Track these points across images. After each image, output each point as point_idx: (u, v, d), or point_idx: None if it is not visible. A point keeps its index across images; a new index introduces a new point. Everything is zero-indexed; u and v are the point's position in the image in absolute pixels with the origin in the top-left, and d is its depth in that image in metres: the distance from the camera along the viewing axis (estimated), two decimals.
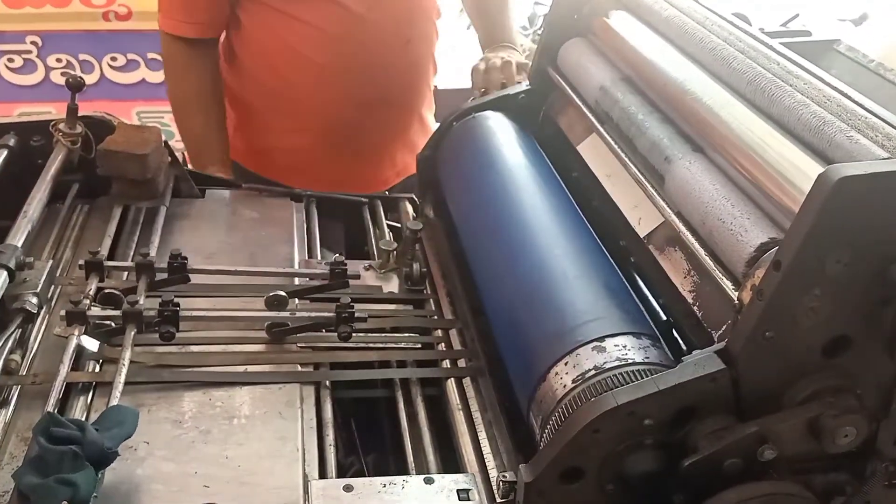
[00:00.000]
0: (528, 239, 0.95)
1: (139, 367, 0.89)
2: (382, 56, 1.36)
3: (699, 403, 0.69)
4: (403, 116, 1.46)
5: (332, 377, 0.93)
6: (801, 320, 0.66)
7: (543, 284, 0.87)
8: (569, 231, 0.93)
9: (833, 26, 2.79)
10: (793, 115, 0.77)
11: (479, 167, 1.12)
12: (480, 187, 1.09)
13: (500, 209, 1.03)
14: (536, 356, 0.80)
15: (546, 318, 0.83)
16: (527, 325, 0.86)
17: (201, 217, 1.20)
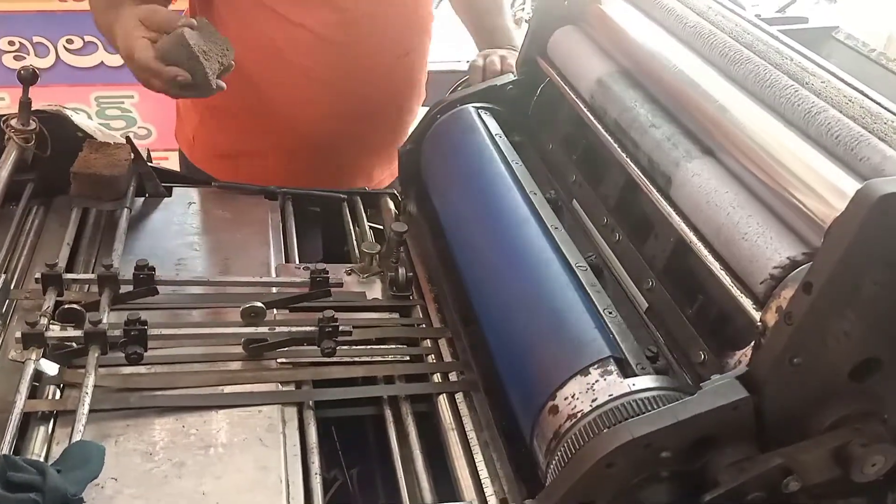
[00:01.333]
0: (526, 241, 0.89)
1: (104, 392, 0.82)
2: (376, 68, 1.27)
3: (719, 432, 0.64)
4: (389, 134, 1.36)
5: (316, 396, 0.87)
6: (830, 344, 0.61)
7: (546, 293, 0.81)
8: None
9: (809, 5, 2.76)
10: (810, 118, 0.72)
11: (466, 162, 1.06)
12: (469, 184, 1.03)
13: (492, 207, 0.97)
14: (540, 376, 0.75)
15: (550, 332, 0.77)
16: (527, 340, 0.80)
17: (168, 219, 1.12)
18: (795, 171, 0.69)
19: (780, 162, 0.70)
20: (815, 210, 0.65)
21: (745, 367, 0.64)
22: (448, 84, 1.42)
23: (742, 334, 0.72)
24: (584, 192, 0.98)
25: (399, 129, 1.38)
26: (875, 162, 0.65)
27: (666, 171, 0.80)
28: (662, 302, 0.81)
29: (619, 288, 0.87)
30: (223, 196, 1.19)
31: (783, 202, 0.69)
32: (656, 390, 0.67)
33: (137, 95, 2.17)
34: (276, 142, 1.31)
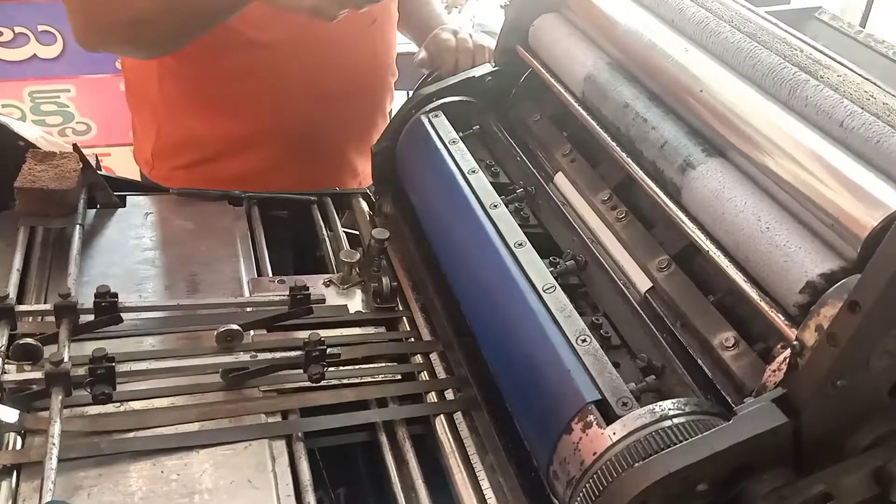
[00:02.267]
0: (488, 271, 0.83)
1: (71, 438, 0.74)
2: (346, 37, 1.18)
3: (757, 459, 0.60)
4: (367, 113, 1.29)
5: (305, 427, 0.81)
6: (873, 363, 0.57)
7: (515, 333, 0.76)
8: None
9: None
10: (831, 115, 0.67)
11: (448, 160, 0.99)
12: (447, 187, 0.97)
13: (455, 229, 0.91)
14: (554, 400, 0.70)
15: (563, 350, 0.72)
16: (534, 356, 0.75)
17: (125, 232, 1.02)
18: (821, 174, 0.65)
19: (803, 164, 0.66)
20: (847, 219, 0.61)
21: (782, 389, 0.60)
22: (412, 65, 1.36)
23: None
24: (579, 166, 0.93)
25: (376, 108, 1.30)
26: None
27: (675, 174, 0.75)
28: (677, 283, 0.76)
29: (607, 279, 0.82)
30: (183, 204, 1.10)
31: (810, 208, 0.64)
32: (688, 415, 0.62)
33: (74, 89, 2.02)
34: (252, 138, 1.21)
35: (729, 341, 0.70)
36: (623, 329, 0.78)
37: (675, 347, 0.74)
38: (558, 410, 0.67)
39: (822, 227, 0.63)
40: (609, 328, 0.77)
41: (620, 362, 0.74)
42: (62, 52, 1.98)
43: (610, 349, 0.74)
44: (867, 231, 0.58)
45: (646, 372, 0.73)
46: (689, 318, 0.74)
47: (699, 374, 0.72)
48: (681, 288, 0.76)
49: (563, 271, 0.83)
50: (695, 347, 0.73)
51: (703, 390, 0.70)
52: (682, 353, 0.74)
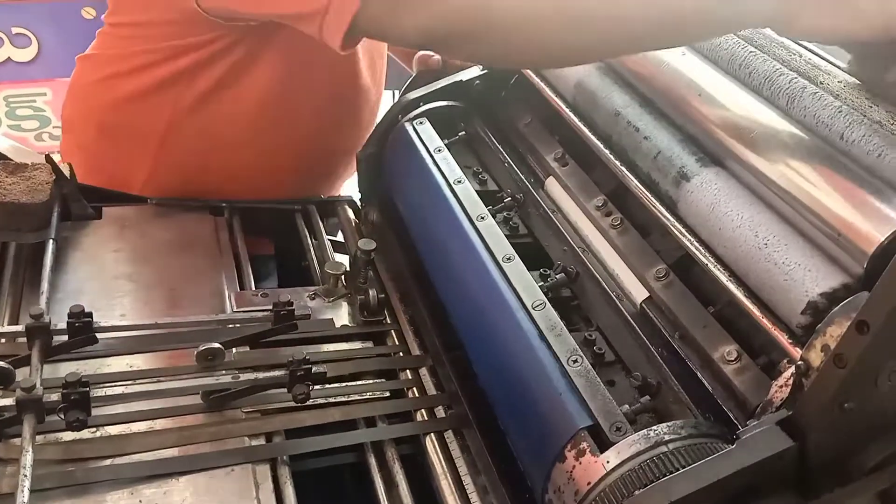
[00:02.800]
0: (477, 287, 0.80)
1: (44, 465, 0.70)
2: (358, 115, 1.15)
3: (761, 483, 0.57)
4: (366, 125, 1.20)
5: (290, 450, 0.77)
6: (881, 384, 0.55)
7: (505, 352, 0.74)
8: None
9: None
10: (830, 124, 0.65)
11: (433, 170, 0.96)
12: (439, 194, 0.94)
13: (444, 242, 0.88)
14: (547, 424, 0.67)
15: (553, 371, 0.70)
16: (524, 377, 0.72)
17: (101, 246, 0.99)
18: (824, 186, 0.62)
19: (806, 176, 0.63)
20: (853, 234, 0.59)
21: (787, 411, 0.58)
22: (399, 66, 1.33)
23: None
24: (571, 171, 0.90)
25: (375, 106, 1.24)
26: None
27: (670, 186, 0.73)
28: (675, 294, 0.73)
29: (599, 291, 0.80)
30: (161, 214, 1.06)
31: (812, 221, 0.62)
32: (688, 439, 0.60)
33: (50, 92, 1.98)
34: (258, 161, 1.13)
35: (731, 355, 0.67)
36: (617, 344, 0.76)
37: (672, 362, 0.72)
38: (551, 436, 0.64)
39: (825, 240, 0.61)
40: (603, 343, 0.75)
41: (615, 379, 0.72)
42: (37, 54, 1.93)
43: (604, 366, 0.71)
44: (874, 246, 0.55)
45: (641, 391, 0.71)
46: (689, 330, 0.71)
47: (699, 390, 0.69)
48: (679, 299, 0.73)
49: (553, 284, 0.81)
50: (694, 361, 0.70)
51: (703, 407, 0.68)
52: (680, 368, 0.71)
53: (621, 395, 0.67)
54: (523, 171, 0.95)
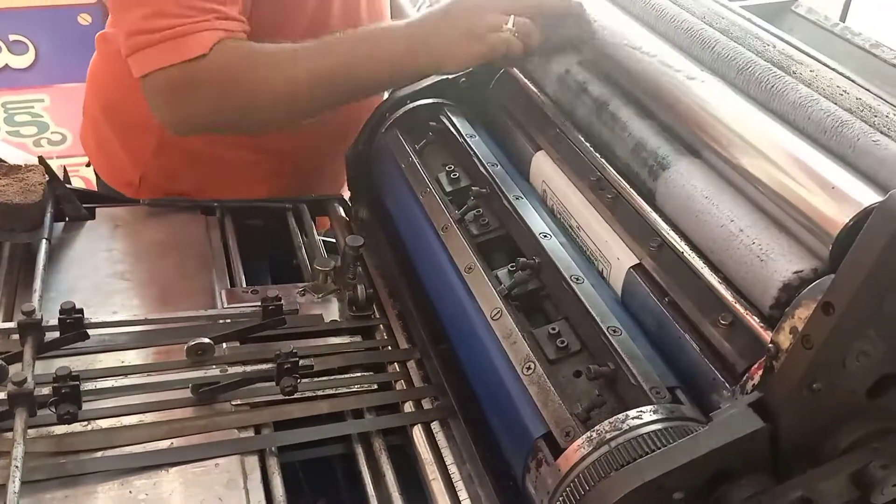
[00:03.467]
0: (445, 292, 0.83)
1: (36, 458, 0.72)
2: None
3: (734, 465, 0.58)
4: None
5: (278, 441, 0.79)
6: (849, 365, 0.56)
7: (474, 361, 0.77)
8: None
9: None
10: (802, 112, 0.66)
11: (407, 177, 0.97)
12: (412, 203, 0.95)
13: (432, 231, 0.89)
14: (513, 433, 0.69)
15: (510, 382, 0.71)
16: (491, 386, 0.74)
17: (94, 246, 1.00)
18: (792, 171, 0.63)
19: (776, 162, 0.65)
20: (819, 217, 0.60)
21: (758, 393, 0.59)
22: None
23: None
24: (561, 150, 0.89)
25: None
26: (882, 160, 0.60)
27: (647, 174, 0.74)
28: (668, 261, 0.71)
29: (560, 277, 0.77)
30: (154, 215, 1.08)
31: (782, 207, 0.63)
32: (663, 421, 0.61)
33: (48, 99, 2.00)
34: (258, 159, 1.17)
35: (726, 318, 0.65)
36: (584, 330, 0.73)
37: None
38: (517, 446, 0.67)
39: (796, 225, 0.62)
40: (569, 333, 0.73)
41: (581, 369, 0.70)
42: (34, 61, 1.95)
43: (569, 357, 0.70)
44: (838, 228, 0.56)
45: (597, 380, 0.68)
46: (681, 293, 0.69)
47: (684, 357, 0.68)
48: (671, 265, 0.71)
49: (520, 280, 0.79)
50: (683, 325, 0.68)
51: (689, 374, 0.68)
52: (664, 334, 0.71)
53: (582, 390, 0.67)
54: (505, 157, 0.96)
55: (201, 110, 0.96)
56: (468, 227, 0.87)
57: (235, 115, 0.98)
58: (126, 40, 0.93)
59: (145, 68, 0.93)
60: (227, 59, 0.92)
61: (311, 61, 0.93)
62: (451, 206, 0.89)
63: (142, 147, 1.15)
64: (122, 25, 0.95)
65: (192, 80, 0.92)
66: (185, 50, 0.91)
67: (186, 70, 0.91)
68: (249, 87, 0.94)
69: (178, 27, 0.90)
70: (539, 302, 0.77)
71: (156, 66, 0.92)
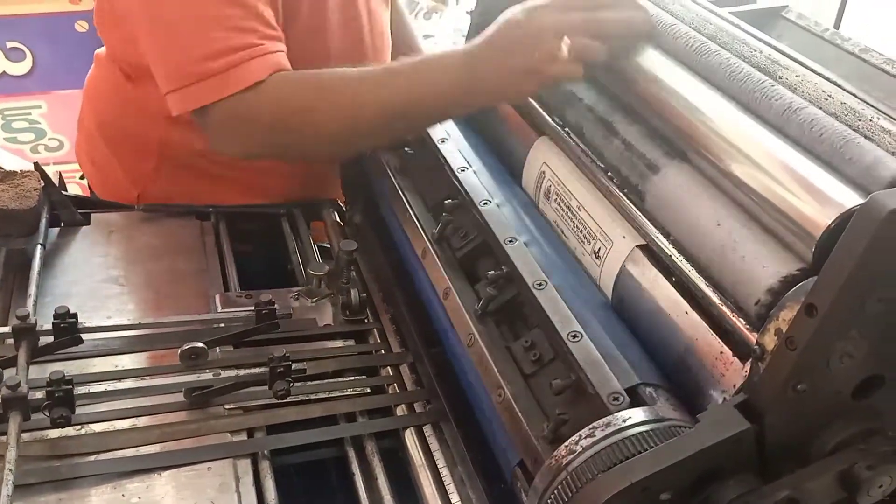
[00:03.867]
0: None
1: (29, 462, 0.72)
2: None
3: (720, 465, 0.59)
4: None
5: (271, 445, 0.79)
6: (833, 366, 0.57)
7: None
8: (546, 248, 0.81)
9: None
10: (789, 116, 0.67)
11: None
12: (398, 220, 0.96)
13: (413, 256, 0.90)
14: (498, 458, 0.70)
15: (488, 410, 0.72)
16: (477, 410, 0.76)
17: (89, 251, 1.01)
18: (776, 174, 0.64)
19: (761, 166, 0.65)
20: (802, 219, 0.60)
21: (744, 394, 0.59)
22: None
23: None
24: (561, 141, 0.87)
25: None
26: (863, 164, 0.60)
27: (636, 178, 0.75)
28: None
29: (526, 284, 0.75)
30: (149, 220, 1.08)
31: (767, 211, 0.64)
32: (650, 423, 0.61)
33: (45, 105, 2.01)
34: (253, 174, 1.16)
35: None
36: (552, 339, 0.71)
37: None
38: (505, 467, 0.70)
39: (781, 228, 0.63)
40: (542, 342, 0.72)
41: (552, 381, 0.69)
42: (32, 68, 1.96)
43: (544, 368, 0.70)
44: (821, 230, 0.57)
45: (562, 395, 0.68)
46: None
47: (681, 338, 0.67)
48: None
49: (489, 296, 0.77)
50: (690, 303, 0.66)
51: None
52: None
53: (556, 402, 0.67)
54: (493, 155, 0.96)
55: (262, 140, 0.94)
56: (450, 240, 0.86)
57: (296, 147, 0.96)
58: (168, 79, 0.91)
59: (197, 103, 0.90)
60: (285, 91, 0.90)
61: (371, 94, 0.90)
62: (430, 224, 0.89)
63: (140, 166, 1.14)
64: (159, 67, 0.93)
65: (250, 111, 0.90)
66: (239, 81, 0.88)
67: (244, 101, 0.89)
68: (310, 119, 0.91)
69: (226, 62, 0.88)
70: (519, 310, 0.76)
71: (209, 101, 0.89)
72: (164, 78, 0.92)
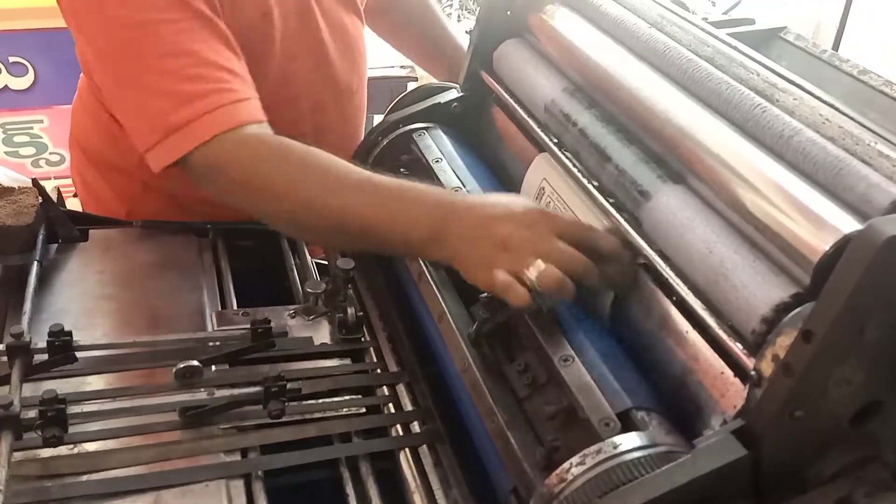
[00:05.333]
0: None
1: (20, 481, 0.71)
2: (333, 103, 1.16)
3: (717, 492, 0.58)
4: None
5: (265, 465, 0.78)
6: (831, 392, 0.56)
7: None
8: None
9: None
10: (785, 140, 0.67)
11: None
12: None
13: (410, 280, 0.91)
14: (500, 461, 0.69)
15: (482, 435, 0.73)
16: (473, 436, 0.75)
17: (86, 267, 1.01)
18: (773, 198, 0.64)
19: (758, 190, 0.65)
20: (800, 244, 0.60)
21: (741, 420, 0.59)
22: (382, 90, 1.35)
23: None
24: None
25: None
26: (861, 189, 0.60)
27: (633, 200, 0.74)
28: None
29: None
30: (146, 237, 1.08)
31: (764, 235, 0.64)
32: (646, 449, 0.61)
33: (47, 119, 2.01)
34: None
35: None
36: (545, 362, 0.71)
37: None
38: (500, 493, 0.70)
39: (778, 253, 0.62)
40: (536, 365, 0.71)
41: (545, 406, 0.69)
42: (34, 82, 1.97)
43: (537, 392, 0.70)
44: (819, 256, 0.57)
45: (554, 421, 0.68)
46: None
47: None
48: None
49: (482, 320, 0.76)
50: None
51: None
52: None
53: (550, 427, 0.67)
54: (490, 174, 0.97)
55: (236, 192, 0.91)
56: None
57: (255, 211, 0.93)
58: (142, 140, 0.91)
59: (171, 156, 0.89)
60: (261, 152, 0.88)
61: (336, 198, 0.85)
62: None
63: (127, 188, 1.15)
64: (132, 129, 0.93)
65: (219, 162, 0.88)
66: (206, 130, 0.87)
67: (217, 150, 0.87)
68: (272, 190, 0.87)
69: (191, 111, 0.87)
70: (514, 331, 0.75)
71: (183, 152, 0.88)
72: (138, 138, 0.92)
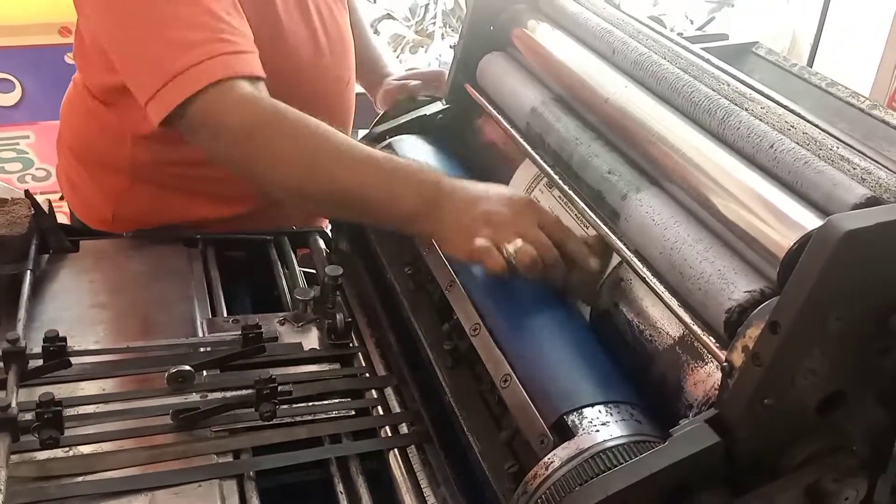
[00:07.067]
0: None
1: (18, 483, 0.73)
2: (324, 99, 1.18)
3: (693, 479, 0.61)
4: None
5: (257, 466, 0.80)
6: (798, 382, 0.59)
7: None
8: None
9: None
10: (755, 144, 0.70)
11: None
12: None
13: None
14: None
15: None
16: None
17: (78, 277, 1.02)
18: (744, 200, 0.67)
19: (728, 191, 0.68)
20: (767, 241, 0.63)
21: (714, 410, 0.62)
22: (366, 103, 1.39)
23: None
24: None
25: None
26: (824, 190, 0.64)
27: (612, 203, 0.78)
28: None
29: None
30: (137, 246, 1.10)
31: (734, 233, 0.67)
32: (624, 437, 0.64)
33: (33, 135, 2.03)
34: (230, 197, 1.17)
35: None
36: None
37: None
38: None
39: (747, 249, 0.66)
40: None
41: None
42: (20, 98, 1.99)
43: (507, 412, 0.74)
44: (784, 252, 0.60)
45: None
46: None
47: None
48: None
49: (448, 348, 0.83)
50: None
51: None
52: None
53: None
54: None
55: (233, 144, 0.92)
56: (425, 286, 0.92)
57: (253, 165, 0.94)
58: (142, 90, 0.92)
59: (172, 103, 0.90)
60: (254, 113, 0.90)
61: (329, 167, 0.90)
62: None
63: (114, 185, 1.17)
64: (133, 80, 0.95)
65: (219, 110, 0.90)
66: (204, 76, 0.89)
67: (218, 99, 0.89)
68: (271, 150, 0.90)
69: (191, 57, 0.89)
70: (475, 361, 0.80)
71: (182, 98, 0.89)
72: (139, 89, 0.94)
